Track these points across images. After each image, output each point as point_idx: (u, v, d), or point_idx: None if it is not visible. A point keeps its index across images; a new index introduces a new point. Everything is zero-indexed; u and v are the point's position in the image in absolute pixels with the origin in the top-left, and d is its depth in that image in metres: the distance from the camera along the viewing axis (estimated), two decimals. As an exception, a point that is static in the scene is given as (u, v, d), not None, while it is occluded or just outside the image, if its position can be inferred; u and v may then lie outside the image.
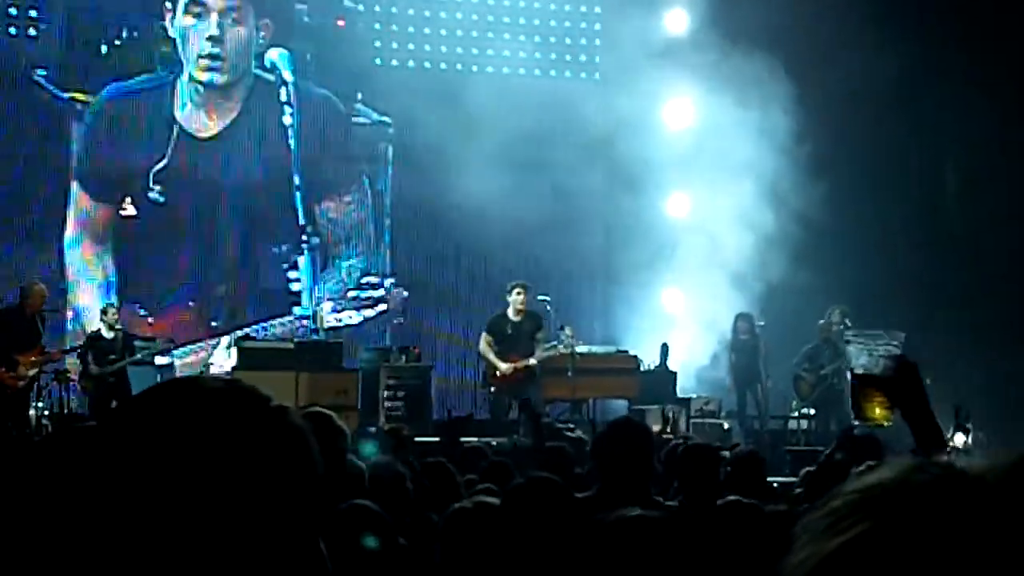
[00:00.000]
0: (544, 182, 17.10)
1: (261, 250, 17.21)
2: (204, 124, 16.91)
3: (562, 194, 17.55)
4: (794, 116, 16.51)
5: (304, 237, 17.12)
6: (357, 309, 17.23)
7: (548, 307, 14.60)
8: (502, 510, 4.04)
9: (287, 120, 17.11)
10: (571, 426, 13.86)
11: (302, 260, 17.18)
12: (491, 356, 14.06)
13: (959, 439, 12.00)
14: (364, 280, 17.29)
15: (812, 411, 15.58)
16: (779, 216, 16.83)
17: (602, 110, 17.66)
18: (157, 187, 16.58)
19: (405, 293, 17.44)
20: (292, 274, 17.14)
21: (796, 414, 15.70)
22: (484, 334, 14.25)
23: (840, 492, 0.84)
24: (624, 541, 2.82)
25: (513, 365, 13.95)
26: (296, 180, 17.03)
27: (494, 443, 10.41)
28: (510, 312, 14.15)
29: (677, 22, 18.24)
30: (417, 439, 12.81)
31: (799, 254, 16.52)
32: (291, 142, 17.08)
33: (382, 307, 17.34)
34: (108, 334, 14.15)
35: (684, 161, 17.77)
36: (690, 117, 18.22)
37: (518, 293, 14.13)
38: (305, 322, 16.72)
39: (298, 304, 17.09)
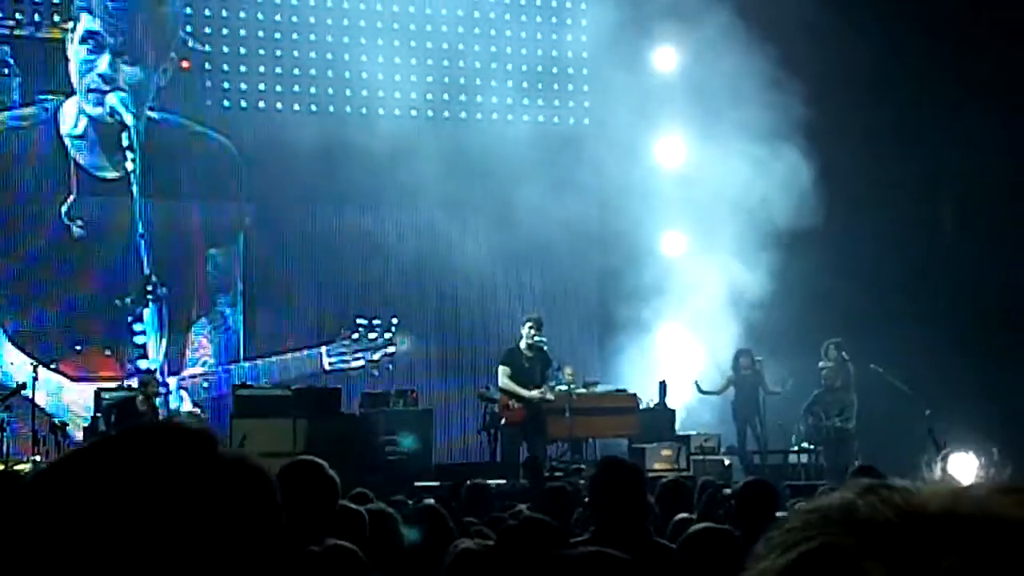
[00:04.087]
0: (537, 222, 17.15)
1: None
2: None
3: (556, 234, 17.62)
4: (787, 149, 16.57)
5: (149, 288, 16.49)
6: (359, 352, 17.00)
7: (545, 348, 14.57)
8: (495, 550, 4.04)
9: (129, 166, 16.57)
10: (579, 466, 13.79)
11: (147, 312, 16.56)
12: (518, 388, 14.06)
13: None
14: (360, 322, 17.06)
15: (812, 446, 15.59)
16: (774, 250, 16.87)
17: (593, 149, 17.76)
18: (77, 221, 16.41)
19: (412, 336, 17.21)
20: (137, 327, 16.49)
21: (796, 448, 15.70)
22: (502, 367, 14.22)
23: (798, 511, 0.87)
24: None
25: (542, 393, 14.00)
26: (140, 228, 16.55)
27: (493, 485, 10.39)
28: (522, 345, 14.22)
29: (666, 60, 18.34)
30: (418, 483, 12.85)
31: (795, 287, 16.56)
32: (133, 188, 16.59)
33: (390, 350, 17.11)
34: (142, 407, 13.86)
35: (677, 198, 17.83)
36: (682, 154, 18.29)
37: (531, 327, 14.19)
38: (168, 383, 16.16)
39: (144, 357, 16.44)
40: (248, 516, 1.17)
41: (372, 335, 16.82)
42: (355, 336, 16.80)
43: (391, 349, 16.96)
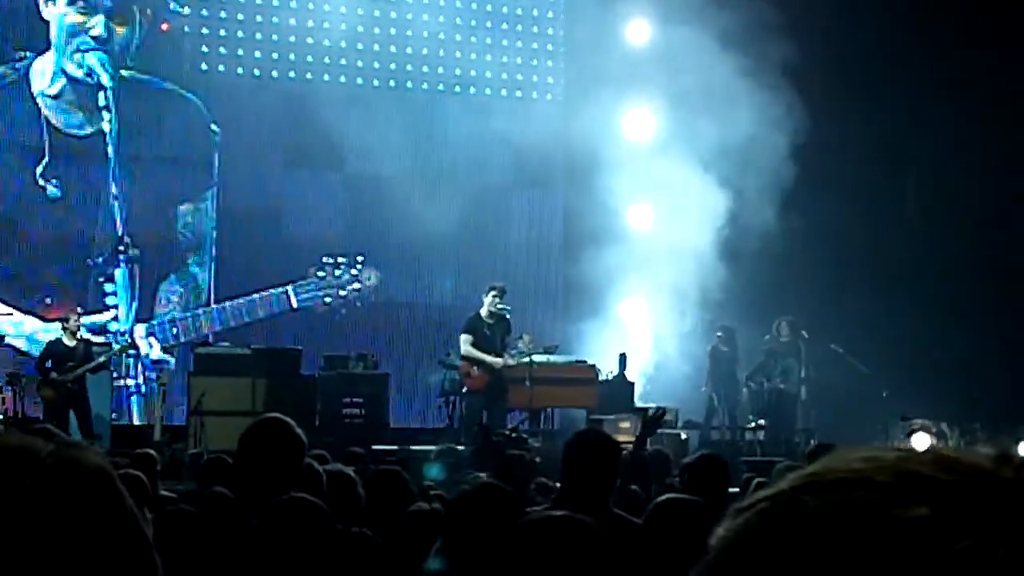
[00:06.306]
0: (502, 191, 17.14)
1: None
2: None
3: (522, 204, 17.60)
4: (755, 126, 16.57)
5: (121, 248, 16.41)
6: (326, 289, 16.95)
7: (508, 315, 14.56)
8: (448, 517, 4.03)
9: (105, 127, 16.59)
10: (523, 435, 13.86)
11: (118, 273, 16.56)
12: (482, 355, 14.08)
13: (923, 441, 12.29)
14: (326, 260, 16.99)
15: (763, 421, 15.75)
16: (740, 226, 16.92)
17: (562, 121, 17.73)
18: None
19: (378, 273, 17.19)
20: (108, 287, 16.50)
21: (753, 425, 15.82)
22: (464, 335, 14.26)
23: (783, 477, 0.83)
24: (538, 543, 2.80)
25: (505, 361, 14.03)
26: (114, 189, 16.59)
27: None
28: (483, 312, 14.25)
29: (639, 33, 18.31)
30: (375, 447, 12.86)
31: (760, 264, 16.63)
32: (108, 149, 16.59)
33: (355, 285, 17.05)
34: (69, 342, 13.99)
35: (645, 171, 17.81)
36: (651, 127, 18.27)
37: (495, 296, 14.23)
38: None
39: (115, 319, 16.46)
40: (82, 521, 1.05)
41: (338, 272, 16.86)
42: (321, 274, 16.82)
43: (357, 285, 16.95)
